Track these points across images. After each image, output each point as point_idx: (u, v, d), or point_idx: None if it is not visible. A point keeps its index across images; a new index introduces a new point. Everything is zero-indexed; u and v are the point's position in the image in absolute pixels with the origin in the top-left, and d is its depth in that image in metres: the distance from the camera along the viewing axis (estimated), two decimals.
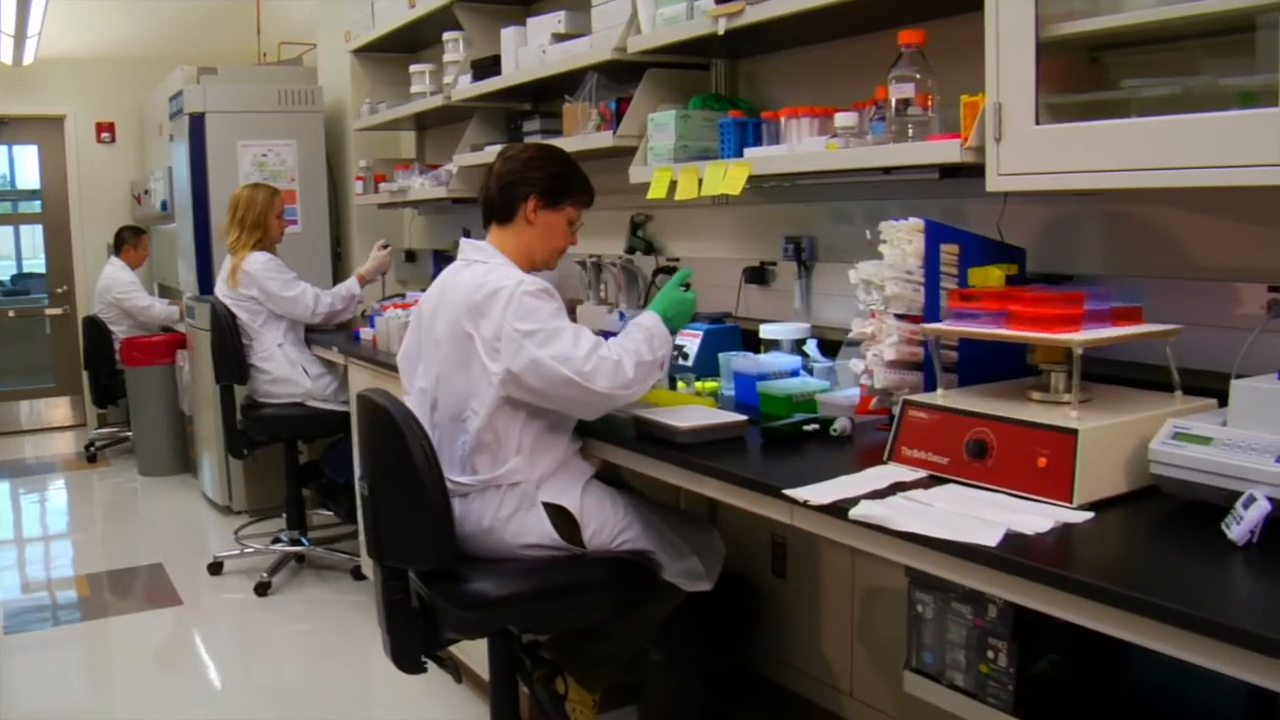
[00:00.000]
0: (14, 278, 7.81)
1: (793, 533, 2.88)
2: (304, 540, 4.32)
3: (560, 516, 2.15)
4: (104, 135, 7.43)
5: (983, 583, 1.49)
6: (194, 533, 5.08)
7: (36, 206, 7.62)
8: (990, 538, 1.46)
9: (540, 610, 2.13)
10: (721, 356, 2.58)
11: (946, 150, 1.98)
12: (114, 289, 6.28)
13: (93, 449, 6.61)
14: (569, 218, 2.31)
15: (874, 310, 2.02)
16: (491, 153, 3.65)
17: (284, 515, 4.45)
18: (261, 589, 4.07)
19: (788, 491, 1.72)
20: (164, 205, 6.01)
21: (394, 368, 3.33)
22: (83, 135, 7.40)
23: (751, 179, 2.47)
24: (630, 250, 3.43)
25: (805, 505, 1.70)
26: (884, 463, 1.87)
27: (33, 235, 7.74)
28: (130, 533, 5.22)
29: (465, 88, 3.73)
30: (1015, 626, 1.77)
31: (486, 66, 3.61)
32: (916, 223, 2.00)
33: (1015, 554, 1.42)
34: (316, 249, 5.17)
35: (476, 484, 2.13)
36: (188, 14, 6.82)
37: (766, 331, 2.62)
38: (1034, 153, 1.83)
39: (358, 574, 4.16)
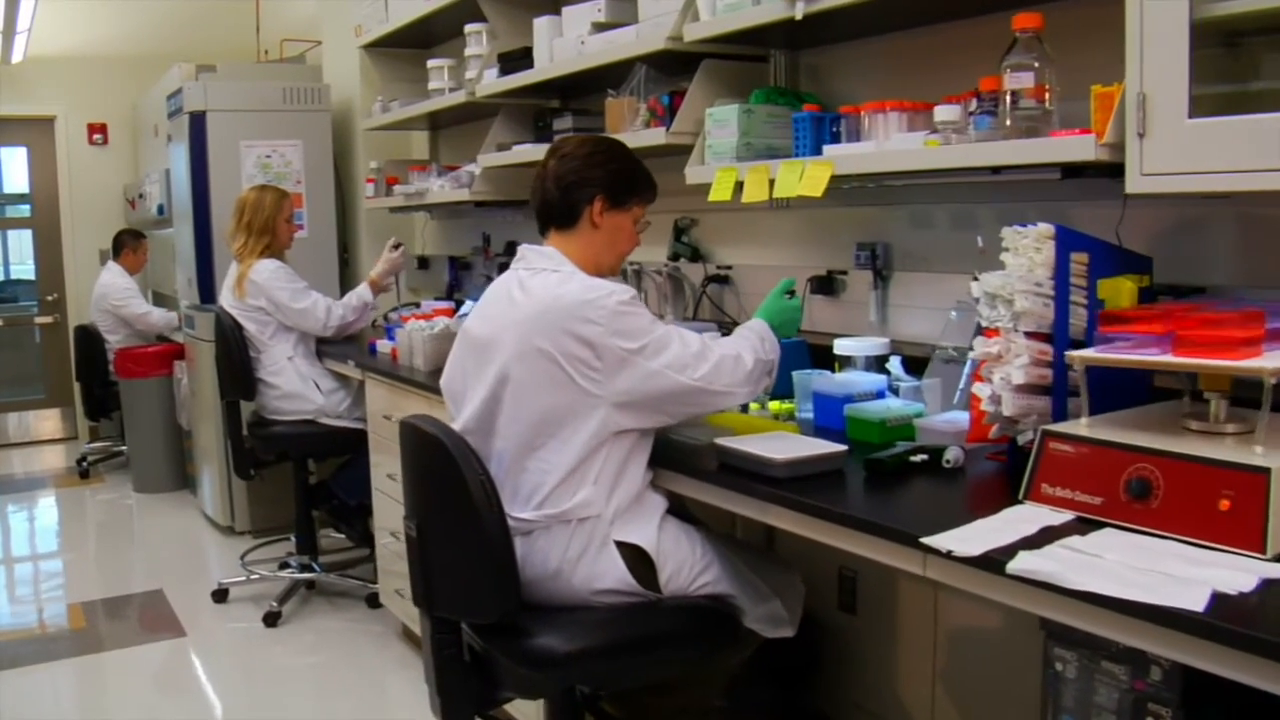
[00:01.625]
0: (2, 284, 7.52)
1: (865, 565, 2.66)
2: (315, 565, 4.05)
3: (634, 557, 1.90)
4: (96, 137, 7.15)
5: (1179, 651, 1.25)
6: (194, 555, 4.81)
7: (25, 211, 7.33)
8: (1194, 600, 1.23)
9: (614, 667, 1.88)
10: (796, 375, 2.34)
11: (1078, 147, 1.75)
12: (111, 295, 6.01)
13: (85, 464, 6.33)
14: (635, 217, 2.07)
15: (997, 327, 1.78)
16: (521, 153, 3.43)
17: (292, 538, 4.18)
18: (271, 619, 3.80)
19: (929, 541, 1.47)
20: (161, 209, 5.75)
21: (417, 384, 3.11)
22: (74, 137, 7.12)
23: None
24: (674, 257, 3.19)
25: (950, 557, 1.45)
26: (1019, 502, 1.63)
27: (21, 240, 7.44)
28: (126, 555, 4.94)
29: (491, 83, 3.48)
30: (1185, 692, 1.53)
31: (516, 60, 3.36)
32: (1046, 228, 1.76)
33: (1225, 619, 1.18)
34: (323, 255, 4.91)
35: (542, 520, 1.88)
36: (184, 11, 6.55)
37: (842, 347, 2.37)
38: (1186, 150, 1.60)
39: (373, 601, 3.90)
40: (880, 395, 2.24)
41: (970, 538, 1.49)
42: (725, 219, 3.02)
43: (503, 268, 4.12)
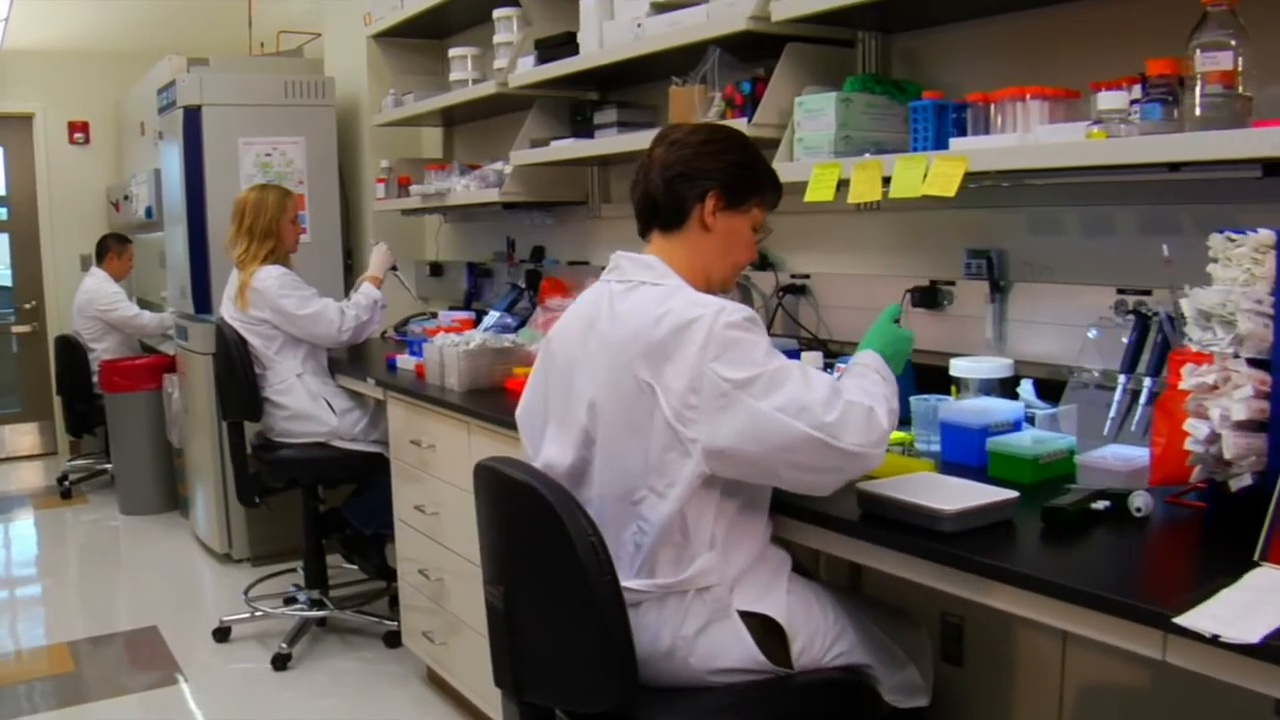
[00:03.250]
0: None
1: (972, 610, 2.36)
2: (327, 601, 3.71)
3: (762, 629, 1.59)
4: (77, 136, 6.76)
5: None
6: (189, 586, 4.44)
7: (2, 214, 6.92)
8: None
9: None
10: (916, 402, 2.03)
11: None
12: (98, 301, 5.63)
13: (67, 483, 5.94)
14: (754, 222, 1.75)
15: (1210, 351, 1.48)
16: (559, 149, 3.12)
17: (299, 569, 3.84)
18: (280, 662, 3.45)
19: (1186, 622, 1.16)
20: (149, 212, 5.38)
21: (452, 407, 2.78)
22: (53, 136, 6.72)
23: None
24: None
25: (1216, 642, 1.15)
26: (1256, 563, 1.34)
27: None
28: (115, 586, 4.56)
29: (527, 72, 3.16)
30: None
31: (556, 46, 3.04)
32: (1267, 236, 1.46)
33: None
34: (327, 261, 4.55)
35: (653, 590, 1.56)
36: (171, 3, 6.16)
37: (960, 368, 2.07)
38: None
39: (391, 640, 3.56)
40: (1017, 426, 1.95)
41: (1229, 616, 1.19)
42: (798, 222, 2.71)
43: (530, 275, 3.82)
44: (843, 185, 2.14)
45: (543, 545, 1.49)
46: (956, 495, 1.55)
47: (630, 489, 1.56)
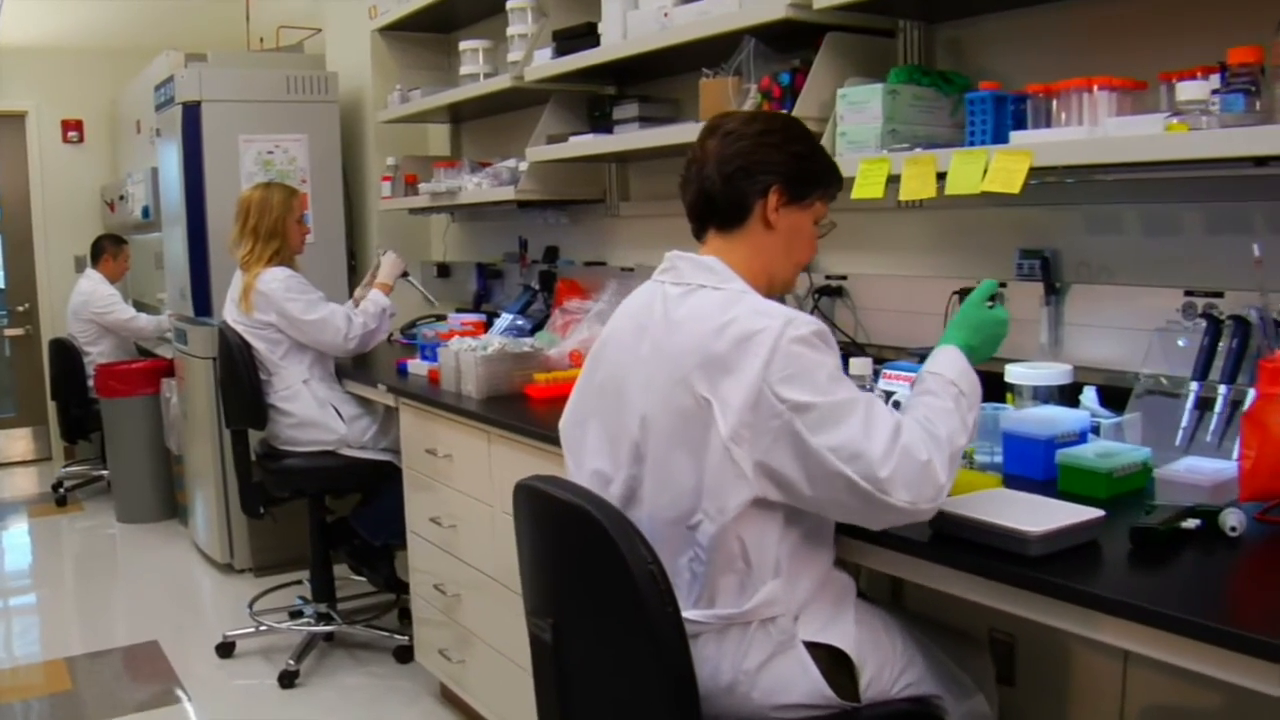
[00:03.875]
0: None
1: (1024, 628, 2.25)
2: (334, 615, 3.58)
3: (828, 660, 1.47)
4: (71, 134, 6.61)
5: None
6: (190, 598, 4.31)
7: None
8: None
9: None
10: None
11: None
12: (93, 303, 5.49)
13: (62, 490, 5.80)
14: (816, 216, 1.63)
15: None
16: (578, 145, 3.00)
17: (305, 581, 3.71)
18: (287, 679, 3.32)
19: None
20: (146, 212, 5.24)
21: (470, 414, 2.66)
22: (46, 134, 6.57)
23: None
24: None
25: None
26: None
27: None
28: (114, 597, 4.42)
29: (544, 65, 3.04)
30: None
31: (576, 38, 2.92)
32: None
33: None
34: (331, 262, 4.41)
35: (713, 622, 1.44)
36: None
37: (1016, 375, 1.96)
38: None
39: (402, 655, 3.44)
40: (1083, 436, 1.83)
41: None
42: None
43: (544, 276, 3.70)
44: (891, 182, 2.02)
45: (596, 574, 1.37)
46: (1038, 515, 1.43)
47: (685, 511, 1.44)
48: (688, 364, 1.43)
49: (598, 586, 1.38)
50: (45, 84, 6.53)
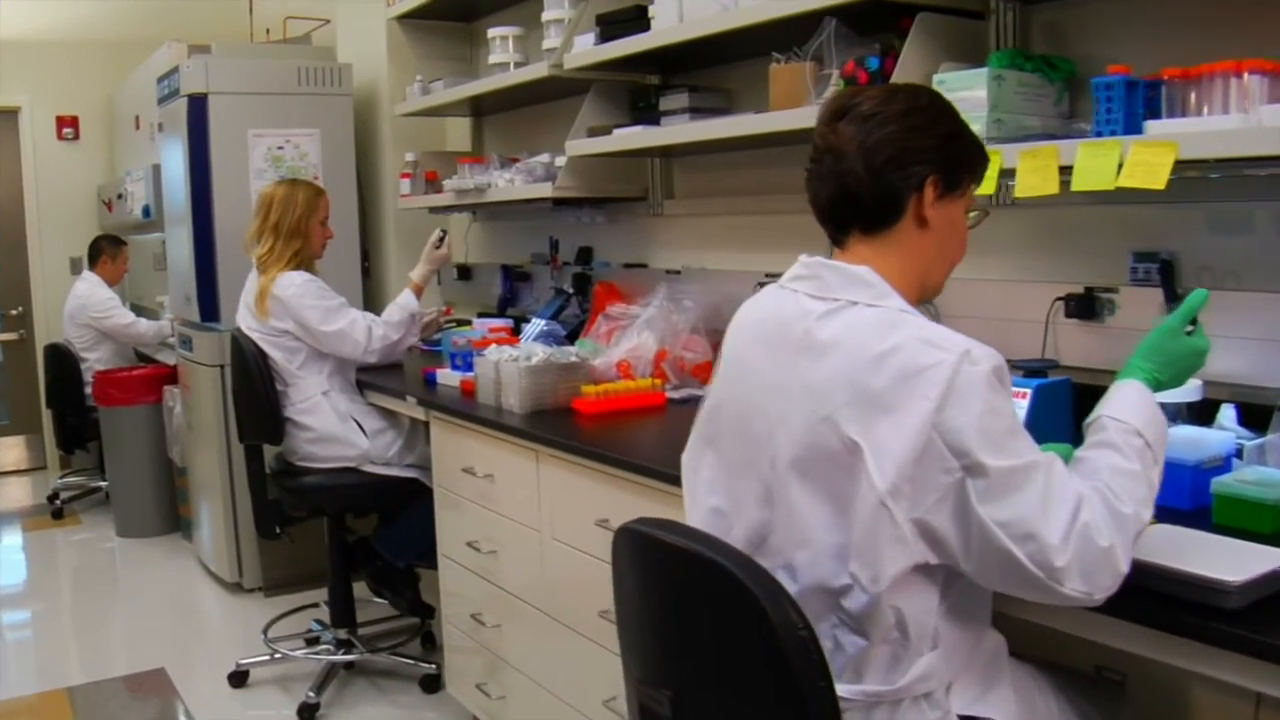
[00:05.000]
0: None
1: (1136, 664, 2.04)
2: (355, 641, 3.36)
3: None
4: (66, 131, 6.38)
5: None
6: (198, 621, 4.08)
7: None
8: None
9: None
10: None
11: None
12: (90, 307, 5.25)
13: (58, 501, 5.55)
14: (967, 206, 1.40)
15: None
16: (624, 138, 2.79)
17: (322, 604, 3.49)
18: (307, 712, 3.09)
19: None
20: (147, 211, 5.01)
21: (512, 430, 2.44)
22: (40, 131, 6.34)
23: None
24: None
25: None
26: None
27: None
28: (115, 619, 4.18)
29: (588, 51, 2.82)
30: None
31: (625, 22, 2.70)
32: None
33: None
34: (345, 264, 4.17)
35: (860, 699, 1.22)
36: None
37: None
38: None
39: (429, 684, 3.22)
40: (1228, 461, 1.62)
41: None
42: None
43: (577, 279, 3.47)
44: (1002, 177, 1.81)
45: (731, 640, 1.14)
46: (1226, 558, 1.22)
47: (827, 573, 1.22)
48: (835, 399, 1.21)
49: (732, 655, 1.16)
50: (39, 79, 6.29)
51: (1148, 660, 1.24)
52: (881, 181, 1.30)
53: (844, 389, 1.20)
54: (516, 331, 3.28)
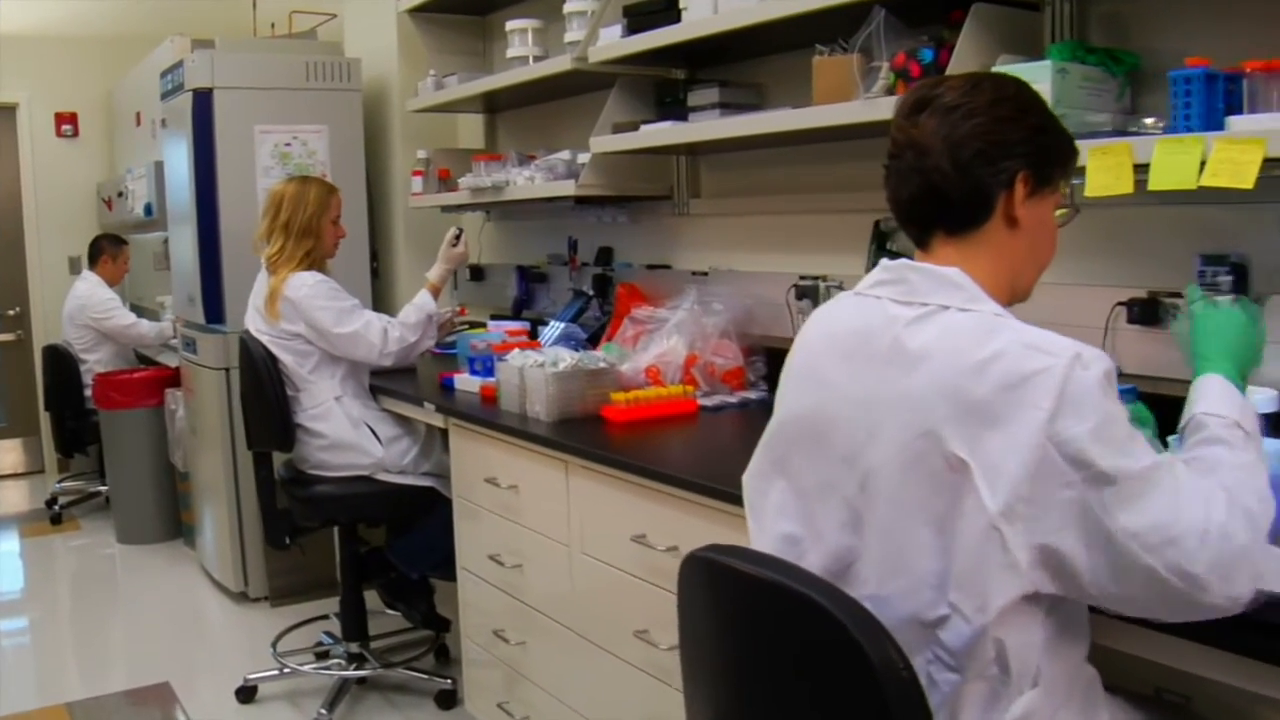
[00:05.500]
0: None
1: (1202, 687, 1.95)
2: (368, 655, 3.25)
3: None
4: (65, 128, 6.25)
5: None
6: (202, 632, 3.97)
7: None
8: None
9: None
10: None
11: None
12: (91, 307, 5.14)
13: (57, 506, 5.43)
14: (1057, 204, 1.30)
15: None
16: (652, 134, 2.70)
17: (333, 616, 3.38)
18: None
19: None
20: (149, 209, 4.90)
21: (540, 439, 2.34)
22: (38, 128, 6.21)
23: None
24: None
25: None
26: None
27: None
28: (116, 629, 4.06)
29: (615, 44, 2.71)
30: None
31: (655, 13, 2.60)
32: None
33: None
34: (353, 264, 4.04)
35: None
36: None
37: None
38: None
39: (445, 700, 3.11)
40: None
41: None
42: None
43: (598, 280, 3.36)
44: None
45: (822, 680, 1.04)
46: None
47: (924, 603, 1.11)
48: (936, 413, 1.10)
49: (824, 697, 1.05)
50: (37, 75, 6.17)
51: (1211, 682, 1.17)
52: (970, 178, 1.21)
53: (943, 401, 1.10)
54: (533, 334, 3.18)
